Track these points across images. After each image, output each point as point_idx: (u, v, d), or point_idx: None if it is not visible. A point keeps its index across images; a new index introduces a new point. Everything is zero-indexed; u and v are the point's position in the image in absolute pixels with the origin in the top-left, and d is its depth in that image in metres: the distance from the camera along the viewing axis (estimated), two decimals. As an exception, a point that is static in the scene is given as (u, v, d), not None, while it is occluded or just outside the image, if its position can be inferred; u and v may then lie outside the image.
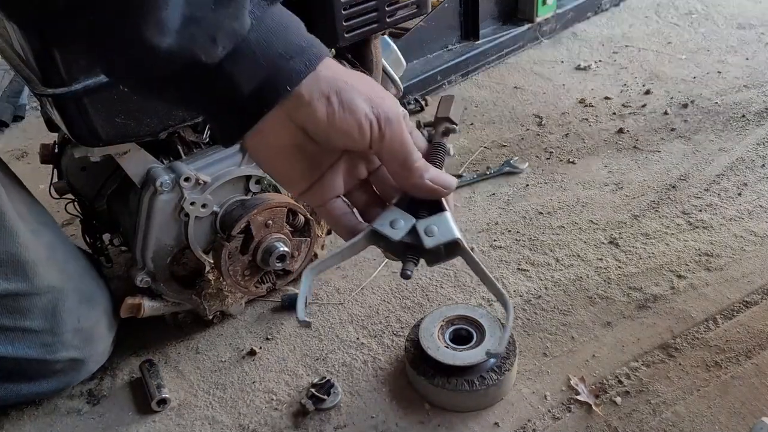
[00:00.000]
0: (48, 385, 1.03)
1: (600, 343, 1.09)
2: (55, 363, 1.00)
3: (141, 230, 1.02)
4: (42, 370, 1.00)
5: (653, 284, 1.19)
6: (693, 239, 1.28)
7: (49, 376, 1.02)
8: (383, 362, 1.10)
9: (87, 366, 1.06)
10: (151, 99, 0.75)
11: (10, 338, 0.96)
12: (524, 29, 2.02)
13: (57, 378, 1.03)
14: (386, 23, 1.11)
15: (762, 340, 1.06)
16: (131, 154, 0.98)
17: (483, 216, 1.41)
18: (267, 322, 1.19)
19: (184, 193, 0.99)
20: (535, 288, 1.21)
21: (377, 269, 1.28)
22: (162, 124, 0.93)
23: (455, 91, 1.88)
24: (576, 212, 1.39)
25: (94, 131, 0.88)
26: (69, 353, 1.01)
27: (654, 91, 1.78)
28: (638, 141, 1.59)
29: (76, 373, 1.05)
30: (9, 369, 0.98)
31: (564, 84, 1.86)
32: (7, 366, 0.97)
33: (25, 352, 0.97)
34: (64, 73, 0.82)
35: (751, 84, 1.76)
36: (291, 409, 1.03)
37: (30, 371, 1.00)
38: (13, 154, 1.79)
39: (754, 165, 1.46)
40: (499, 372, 0.99)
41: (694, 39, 2.02)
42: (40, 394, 1.04)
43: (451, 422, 0.99)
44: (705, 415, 0.96)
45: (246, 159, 1.05)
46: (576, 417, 0.98)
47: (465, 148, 1.63)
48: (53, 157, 1.15)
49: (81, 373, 1.06)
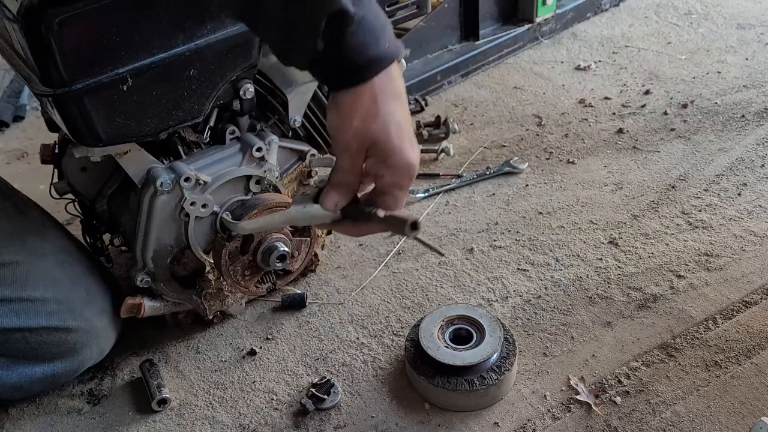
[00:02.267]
0: (62, 366, 1.02)
1: (600, 343, 1.09)
2: (66, 334, 0.99)
3: (141, 230, 1.02)
4: (54, 348, 0.99)
5: (653, 284, 1.19)
6: (693, 239, 1.28)
7: (62, 355, 1.01)
8: (383, 362, 1.10)
9: (98, 341, 1.05)
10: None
11: (15, 310, 0.95)
12: (524, 29, 2.02)
13: (70, 358, 1.02)
14: (386, 23, 1.11)
15: (761, 340, 1.06)
16: (131, 154, 0.98)
17: (483, 216, 1.41)
18: (267, 322, 1.19)
19: (184, 193, 0.99)
20: (535, 288, 1.21)
21: (377, 269, 1.28)
22: (162, 124, 0.93)
23: (455, 91, 1.88)
24: (576, 212, 1.39)
25: (94, 131, 0.88)
26: (78, 322, 1.00)
27: (653, 91, 1.78)
28: (638, 141, 1.59)
29: (88, 351, 1.04)
30: (20, 349, 0.97)
31: (564, 84, 1.86)
32: (18, 346, 0.97)
33: (33, 321, 0.96)
34: (64, 73, 0.82)
35: (750, 84, 1.76)
36: (291, 408, 1.03)
37: (41, 350, 0.99)
38: (14, 154, 1.79)
39: (754, 165, 1.46)
40: (499, 372, 0.99)
41: (693, 39, 2.02)
42: (54, 377, 1.03)
43: (451, 422, 0.99)
44: (705, 415, 0.96)
45: (246, 159, 1.05)
46: (576, 417, 0.98)
47: (465, 148, 1.63)
48: (54, 158, 1.15)
49: (93, 351, 1.05)
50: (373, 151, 0.77)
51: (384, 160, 0.77)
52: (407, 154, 0.77)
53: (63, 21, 0.78)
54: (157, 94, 0.90)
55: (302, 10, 0.72)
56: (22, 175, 1.64)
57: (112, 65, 0.84)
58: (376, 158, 0.77)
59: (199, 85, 0.93)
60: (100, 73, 0.84)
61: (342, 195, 0.80)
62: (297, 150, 1.13)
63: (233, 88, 0.98)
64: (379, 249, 1.33)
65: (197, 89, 0.94)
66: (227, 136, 1.06)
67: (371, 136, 0.76)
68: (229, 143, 1.06)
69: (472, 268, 1.27)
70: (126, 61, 0.85)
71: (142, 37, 0.85)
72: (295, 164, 1.14)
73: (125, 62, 0.85)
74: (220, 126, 1.06)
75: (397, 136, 0.76)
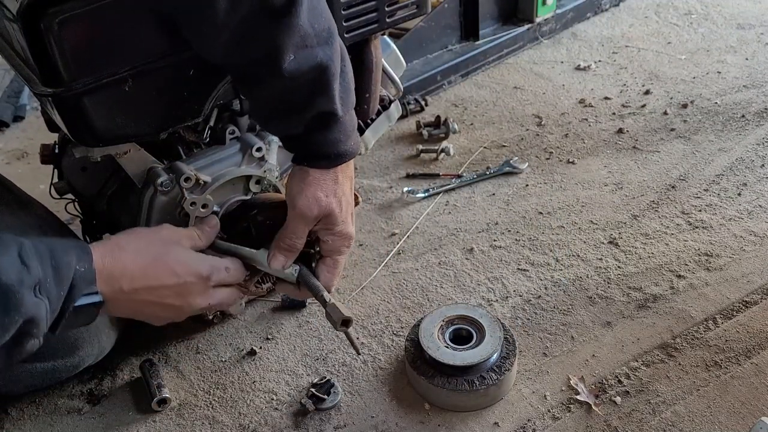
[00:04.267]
0: (62, 362, 1.02)
1: (600, 343, 1.09)
2: None
3: (141, 230, 1.02)
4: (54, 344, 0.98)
5: (653, 284, 1.19)
6: (693, 239, 1.28)
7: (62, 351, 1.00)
8: (383, 362, 1.10)
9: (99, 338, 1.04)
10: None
11: None
12: (524, 29, 2.02)
13: (70, 354, 1.01)
14: (386, 23, 1.11)
15: (761, 340, 1.06)
16: (131, 154, 0.98)
17: (483, 216, 1.41)
18: (267, 322, 1.19)
19: (184, 193, 0.99)
20: (535, 288, 1.21)
21: (377, 269, 1.28)
22: (162, 124, 0.93)
23: (455, 91, 1.88)
24: (576, 212, 1.39)
25: (94, 131, 0.88)
26: None
27: (653, 91, 1.78)
28: (638, 141, 1.59)
29: (89, 348, 1.03)
30: None
31: (564, 84, 1.86)
32: None
33: None
34: (63, 73, 0.82)
35: (750, 84, 1.76)
36: (291, 408, 1.03)
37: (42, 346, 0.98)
38: (14, 154, 1.79)
39: (754, 165, 1.46)
40: (499, 372, 0.99)
41: (693, 39, 2.02)
42: (55, 372, 1.03)
43: (451, 422, 0.99)
44: (705, 415, 0.96)
45: (246, 159, 1.05)
46: (576, 417, 0.98)
47: (465, 148, 1.63)
48: (54, 158, 1.14)
49: (94, 348, 1.04)
50: (324, 220, 0.92)
51: (331, 228, 0.93)
52: (350, 227, 0.95)
53: (63, 21, 0.78)
54: (157, 94, 0.90)
55: (298, 99, 0.86)
56: (22, 175, 1.64)
57: (112, 65, 0.84)
58: (325, 226, 0.92)
59: (199, 85, 0.93)
60: (100, 73, 0.84)
61: (288, 257, 0.93)
62: (297, 150, 1.13)
63: (233, 88, 0.98)
64: (379, 249, 1.33)
65: (197, 89, 0.94)
66: (227, 136, 1.06)
67: (329, 208, 0.91)
68: (229, 143, 1.06)
69: (472, 268, 1.27)
70: (126, 61, 0.85)
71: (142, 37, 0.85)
72: (295, 164, 1.14)
73: (125, 62, 0.85)
74: (220, 126, 1.06)
75: (345, 211, 0.93)
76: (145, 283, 0.83)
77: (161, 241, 0.87)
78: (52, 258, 0.74)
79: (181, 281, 0.86)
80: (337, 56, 0.86)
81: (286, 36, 0.81)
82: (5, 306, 0.68)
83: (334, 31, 0.87)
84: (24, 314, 0.70)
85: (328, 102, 0.86)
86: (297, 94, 0.86)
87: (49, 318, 0.73)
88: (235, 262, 0.94)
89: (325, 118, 0.88)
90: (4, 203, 1.02)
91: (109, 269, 0.79)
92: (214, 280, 0.89)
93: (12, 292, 0.68)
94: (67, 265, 0.75)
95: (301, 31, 0.82)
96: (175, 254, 0.87)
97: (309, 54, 0.84)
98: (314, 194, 0.90)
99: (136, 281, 0.82)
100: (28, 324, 0.71)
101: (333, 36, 0.86)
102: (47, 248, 0.74)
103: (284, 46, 0.82)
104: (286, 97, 0.87)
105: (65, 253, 0.75)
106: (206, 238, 0.94)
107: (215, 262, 0.90)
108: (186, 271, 0.86)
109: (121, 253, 0.81)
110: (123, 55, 0.85)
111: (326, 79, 0.85)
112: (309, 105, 0.87)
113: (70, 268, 0.75)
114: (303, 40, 0.83)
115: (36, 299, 0.71)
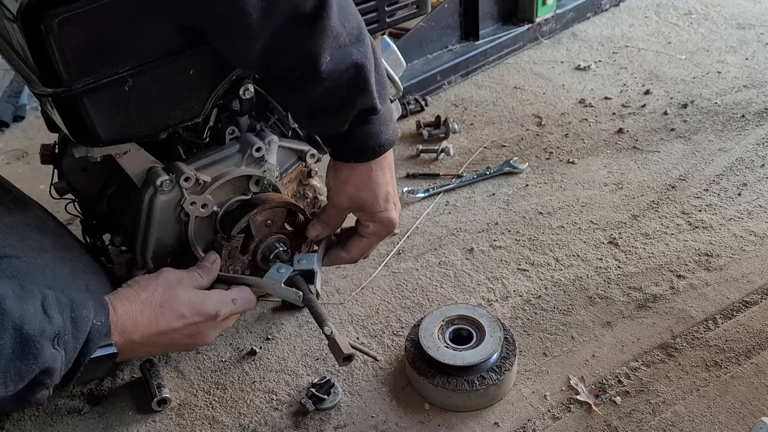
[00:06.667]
0: None
1: (600, 343, 1.09)
2: None
3: (141, 230, 1.02)
4: None
5: (653, 284, 1.19)
6: (693, 239, 1.28)
7: None
8: (383, 362, 1.10)
9: None
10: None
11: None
12: (524, 29, 2.02)
13: None
14: (386, 23, 1.11)
15: (762, 340, 1.06)
16: (131, 154, 0.98)
17: (483, 216, 1.41)
18: (267, 322, 1.19)
19: (184, 193, 0.99)
20: (535, 288, 1.21)
21: (377, 269, 1.28)
22: (162, 124, 0.93)
23: (455, 91, 1.88)
24: (576, 212, 1.39)
25: (94, 131, 0.87)
26: None
27: (653, 91, 1.78)
28: (638, 141, 1.59)
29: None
30: None
31: (564, 84, 1.86)
32: None
33: None
34: (64, 73, 0.81)
35: (750, 84, 1.76)
36: (291, 408, 1.03)
37: None
38: (14, 154, 1.79)
39: (754, 165, 1.46)
40: (499, 372, 0.99)
41: (693, 39, 2.02)
42: None
43: (451, 422, 0.99)
44: (705, 415, 0.96)
45: (246, 159, 1.05)
46: (576, 417, 0.98)
47: (465, 148, 1.63)
48: (53, 158, 1.14)
49: None
50: (360, 210, 0.99)
51: (370, 216, 0.99)
52: (391, 213, 1.00)
53: (63, 21, 0.78)
54: (157, 94, 0.90)
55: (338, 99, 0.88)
56: (22, 175, 1.64)
57: (112, 65, 0.84)
58: (363, 214, 1.00)
59: (199, 85, 0.93)
60: (100, 73, 0.83)
61: (324, 230, 1.02)
62: (297, 150, 1.13)
63: (233, 88, 0.98)
64: (379, 249, 1.33)
65: (197, 89, 0.94)
66: (227, 136, 1.06)
67: (360, 200, 0.97)
68: (229, 143, 1.06)
69: (472, 268, 1.27)
70: (126, 61, 0.85)
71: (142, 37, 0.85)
72: (295, 164, 1.14)
73: (125, 62, 0.85)
74: (220, 126, 1.06)
75: (384, 200, 0.98)
76: (156, 330, 0.87)
77: (164, 286, 0.90)
78: (73, 310, 0.76)
79: (189, 322, 0.89)
80: (370, 52, 0.88)
81: (320, 39, 0.82)
82: (25, 354, 0.70)
83: (363, 27, 0.88)
84: (41, 365, 0.72)
85: (367, 98, 0.88)
86: (336, 95, 0.87)
87: (63, 369, 0.76)
88: (242, 290, 0.97)
89: (365, 114, 0.90)
90: (2, 203, 1.02)
91: (122, 322, 0.83)
92: (222, 314, 0.92)
93: (33, 341, 0.71)
94: (85, 318, 0.77)
95: (334, 32, 0.83)
96: (180, 297, 0.90)
97: (344, 53, 0.85)
98: (345, 189, 0.96)
99: (147, 331, 0.86)
100: (43, 374, 0.74)
101: (363, 32, 0.88)
102: (68, 300, 0.77)
103: (320, 49, 0.82)
104: (326, 99, 0.87)
105: (83, 307, 0.78)
106: (208, 276, 0.96)
107: (221, 297, 0.93)
108: (192, 312, 0.89)
109: (131, 305, 0.85)
110: (123, 54, 0.85)
111: (363, 76, 0.87)
112: (350, 104, 0.88)
113: (87, 322, 0.78)
114: (336, 40, 0.84)
115: (54, 350, 0.73)
